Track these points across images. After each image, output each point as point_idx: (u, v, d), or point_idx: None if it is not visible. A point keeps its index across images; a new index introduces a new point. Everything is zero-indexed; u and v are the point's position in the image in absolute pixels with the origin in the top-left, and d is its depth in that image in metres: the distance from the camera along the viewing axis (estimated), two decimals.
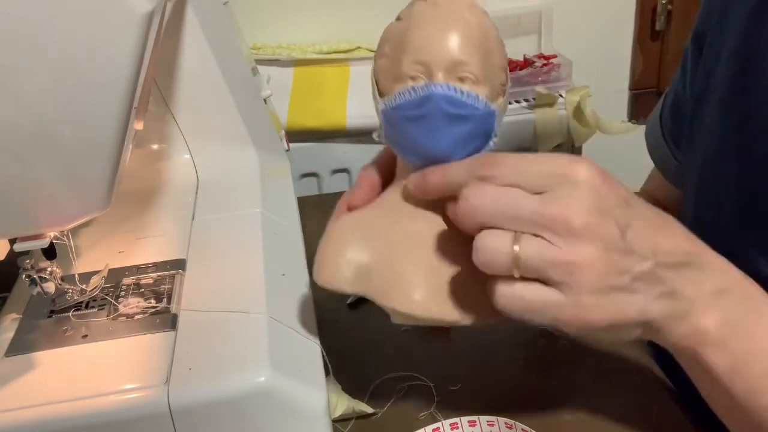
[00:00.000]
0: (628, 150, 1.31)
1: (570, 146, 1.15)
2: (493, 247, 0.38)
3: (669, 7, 1.33)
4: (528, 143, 1.15)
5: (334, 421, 0.51)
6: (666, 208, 0.69)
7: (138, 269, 0.57)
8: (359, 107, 1.10)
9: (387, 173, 0.47)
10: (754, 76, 0.50)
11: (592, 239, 0.37)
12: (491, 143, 0.43)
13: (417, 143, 0.42)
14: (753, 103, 0.50)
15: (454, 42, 0.42)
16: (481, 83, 0.42)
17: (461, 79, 0.41)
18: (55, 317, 0.52)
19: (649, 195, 0.72)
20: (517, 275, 0.38)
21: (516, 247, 0.37)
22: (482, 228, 0.38)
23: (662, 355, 0.62)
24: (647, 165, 0.74)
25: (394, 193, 0.46)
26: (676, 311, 0.40)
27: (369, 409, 0.53)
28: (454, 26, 0.42)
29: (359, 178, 0.48)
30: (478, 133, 0.42)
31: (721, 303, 0.40)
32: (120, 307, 0.52)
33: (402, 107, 0.42)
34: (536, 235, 0.37)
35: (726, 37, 0.53)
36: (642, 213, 0.40)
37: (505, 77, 0.44)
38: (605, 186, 0.38)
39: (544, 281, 0.38)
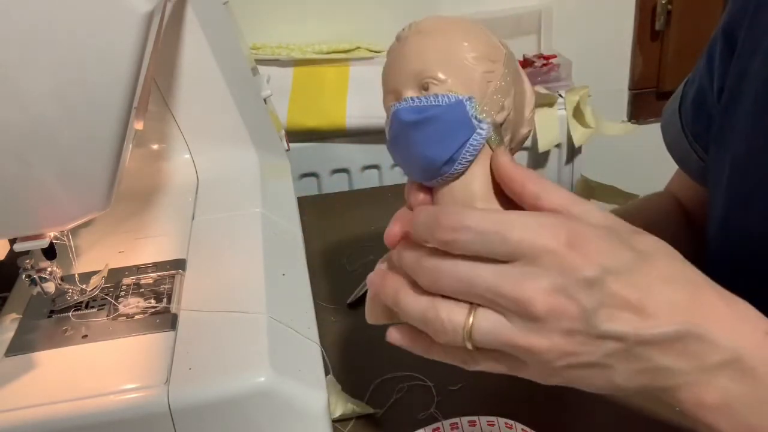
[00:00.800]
0: (628, 150, 1.31)
1: (570, 146, 1.15)
2: (446, 320, 0.36)
3: (669, 7, 1.33)
4: (528, 143, 1.15)
5: (334, 421, 0.51)
6: (688, 211, 0.68)
7: (138, 269, 0.57)
8: (359, 107, 1.10)
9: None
10: None
11: (552, 327, 0.34)
12: (480, 131, 0.43)
13: (403, 162, 0.44)
14: None
15: (409, 59, 0.44)
16: (448, 82, 0.43)
17: (425, 87, 0.43)
18: (55, 317, 0.52)
19: (671, 195, 0.70)
20: (470, 347, 0.36)
21: (470, 321, 0.35)
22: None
23: None
24: (647, 165, 0.74)
25: None
26: (666, 386, 0.36)
27: (369, 409, 0.53)
28: (407, 46, 0.45)
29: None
30: (452, 126, 0.42)
31: (724, 376, 0.35)
32: (120, 307, 0.52)
33: (389, 137, 0.45)
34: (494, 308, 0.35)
35: (762, 35, 0.52)
36: (619, 284, 0.34)
37: (491, 63, 0.44)
38: (575, 263, 0.34)
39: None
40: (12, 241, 0.48)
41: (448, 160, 0.42)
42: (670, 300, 0.35)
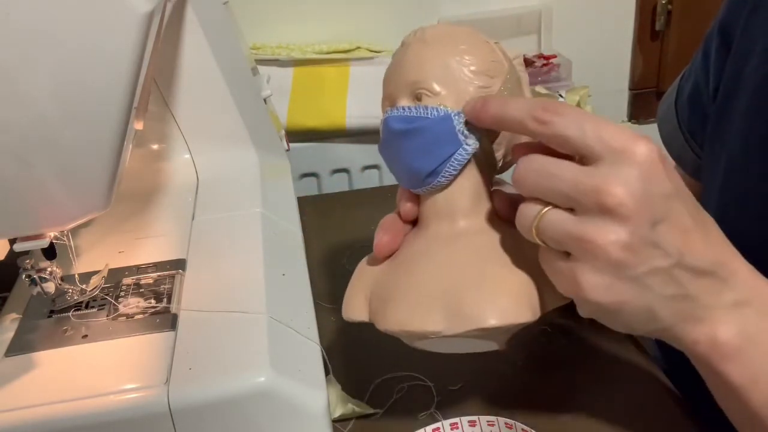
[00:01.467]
0: None
1: None
2: (522, 215, 0.40)
3: (669, 7, 1.33)
4: None
5: (334, 421, 0.51)
6: None
7: (138, 269, 0.57)
8: (359, 107, 1.10)
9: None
10: None
11: (620, 221, 0.36)
12: (466, 146, 0.43)
13: (391, 167, 0.46)
14: None
15: (406, 67, 0.45)
16: (441, 95, 0.43)
17: (418, 97, 0.44)
18: (55, 317, 0.52)
19: None
20: (540, 243, 0.39)
21: (542, 211, 0.38)
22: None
23: (664, 355, 0.62)
24: None
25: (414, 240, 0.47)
26: (690, 317, 0.39)
27: (369, 409, 0.53)
28: (408, 53, 0.45)
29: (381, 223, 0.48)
30: (438, 140, 0.43)
31: (740, 315, 0.39)
32: (120, 307, 0.52)
33: (380, 141, 0.46)
34: (570, 209, 0.38)
35: (757, 37, 0.52)
36: (683, 210, 0.38)
37: (489, 78, 0.44)
38: (658, 171, 0.36)
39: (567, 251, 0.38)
40: (12, 241, 0.48)
41: (432, 172, 0.43)
42: (710, 239, 0.39)
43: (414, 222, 0.48)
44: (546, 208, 0.38)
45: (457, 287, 0.42)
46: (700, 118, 0.61)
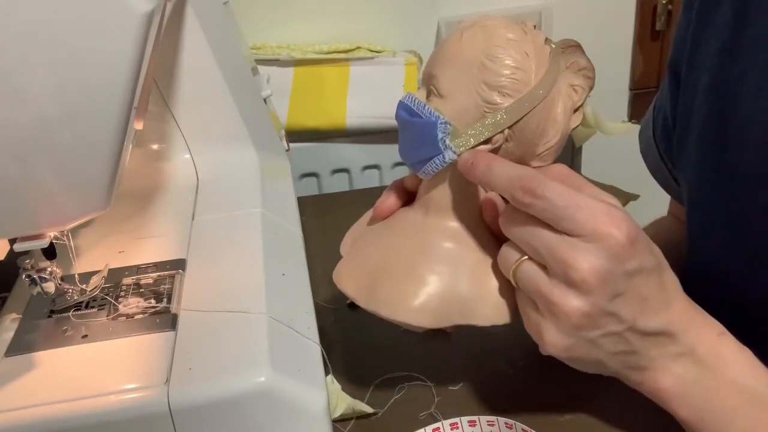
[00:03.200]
0: (628, 150, 1.30)
1: (570, 146, 1.15)
2: (503, 257, 0.44)
3: (669, 7, 1.33)
4: None
5: (334, 421, 0.51)
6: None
7: (138, 269, 0.57)
8: (359, 107, 1.10)
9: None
10: (728, 111, 0.50)
11: (582, 295, 0.40)
12: (443, 156, 0.44)
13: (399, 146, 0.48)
14: (728, 136, 0.50)
15: (438, 58, 0.46)
16: (443, 97, 0.44)
17: (429, 92, 0.46)
18: (55, 317, 0.52)
19: (674, 217, 0.70)
20: (513, 282, 0.44)
21: (521, 260, 0.43)
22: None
23: None
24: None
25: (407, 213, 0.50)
26: (635, 366, 0.44)
27: (369, 409, 0.53)
28: (445, 44, 0.46)
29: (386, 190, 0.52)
30: (423, 141, 0.45)
31: (681, 364, 0.43)
32: (120, 307, 0.52)
33: None
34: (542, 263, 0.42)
35: (700, 73, 0.53)
36: (644, 282, 0.41)
37: (500, 95, 0.43)
38: (624, 254, 0.40)
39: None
40: (12, 241, 0.48)
41: (415, 164, 0.46)
42: (666, 303, 0.43)
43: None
44: (524, 258, 0.43)
45: (386, 271, 0.46)
46: (673, 149, 0.61)
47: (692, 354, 0.43)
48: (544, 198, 0.40)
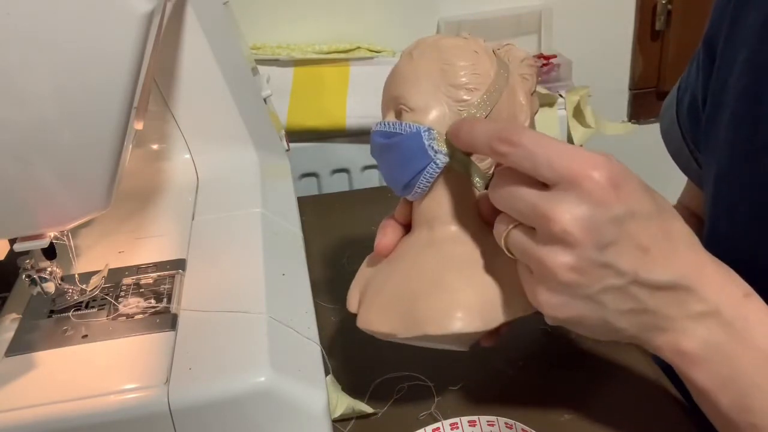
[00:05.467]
0: (628, 150, 1.30)
1: None
2: (496, 228, 0.43)
3: (669, 7, 1.33)
4: None
5: (334, 421, 0.51)
6: (700, 219, 0.68)
7: (138, 269, 0.57)
8: (359, 107, 1.10)
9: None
10: (765, 87, 0.49)
11: (567, 248, 0.38)
12: (436, 161, 0.45)
13: (383, 177, 0.49)
14: (763, 114, 0.49)
15: (391, 82, 0.47)
16: (417, 111, 0.45)
17: (398, 112, 0.46)
18: (55, 317, 0.52)
19: (684, 208, 0.70)
20: (507, 253, 0.43)
21: (508, 229, 0.42)
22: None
23: None
24: (647, 165, 0.74)
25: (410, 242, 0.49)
26: (651, 327, 0.41)
27: (369, 409, 0.53)
28: (396, 68, 0.48)
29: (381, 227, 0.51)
30: (410, 155, 0.45)
31: (705, 326, 0.40)
32: (120, 307, 0.52)
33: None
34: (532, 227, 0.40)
35: (739, 47, 0.52)
36: (639, 229, 0.39)
37: (468, 91, 0.45)
38: (611, 197, 0.38)
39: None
40: (12, 241, 0.48)
41: (406, 184, 0.46)
42: (673, 253, 0.40)
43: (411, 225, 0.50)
44: (512, 225, 0.41)
45: (416, 293, 0.45)
46: (700, 129, 0.61)
47: (717, 315, 0.40)
48: (520, 145, 0.39)
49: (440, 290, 0.45)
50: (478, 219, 0.47)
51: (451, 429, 0.48)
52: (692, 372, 0.41)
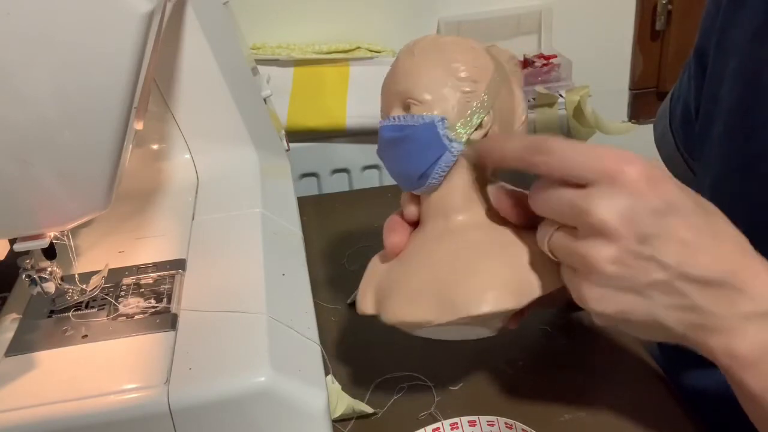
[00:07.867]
0: (628, 150, 1.31)
1: None
2: (539, 234, 0.43)
3: (669, 7, 1.33)
4: None
5: (334, 421, 0.51)
6: None
7: (138, 269, 0.57)
8: (359, 107, 1.10)
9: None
10: (757, 96, 0.49)
11: (608, 239, 0.38)
12: (451, 150, 0.46)
13: (389, 171, 0.49)
14: (756, 123, 0.49)
15: (396, 78, 0.48)
16: (426, 103, 0.46)
17: (407, 106, 0.47)
18: (55, 317, 0.52)
19: None
20: (550, 255, 0.43)
21: (551, 232, 0.42)
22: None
23: (664, 355, 0.62)
24: None
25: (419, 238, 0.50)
26: (701, 327, 0.39)
27: (369, 409, 0.53)
28: (398, 65, 0.49)
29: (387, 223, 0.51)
30: (425, 144, 0.46)
31: (758, 326, 0.38)
32: (120, 307, 0.52)
33: (378, 148, 0.50)
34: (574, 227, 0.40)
35: (729, 57, 0.52)
36: (681, 223, 0.38)
37: (473, 83, 0.46)
38: (648, 190, 0.38)
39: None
40: (12, 241, 0.48)
41: (422, 174, 0.46)
42: (719, 249, 0.39)
43: (417, 222, 0.50)
44: (554, 229, 0.42)
45: (449, 278, 0.45)
46: (693, 138, 0.61)
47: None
48: (552, 152, 0.40)
49: (473, 273, 0.45)
50: (492, 206, 0.48)
51: (451, 429, 0.48)
52: (744, 376, 0.39)
